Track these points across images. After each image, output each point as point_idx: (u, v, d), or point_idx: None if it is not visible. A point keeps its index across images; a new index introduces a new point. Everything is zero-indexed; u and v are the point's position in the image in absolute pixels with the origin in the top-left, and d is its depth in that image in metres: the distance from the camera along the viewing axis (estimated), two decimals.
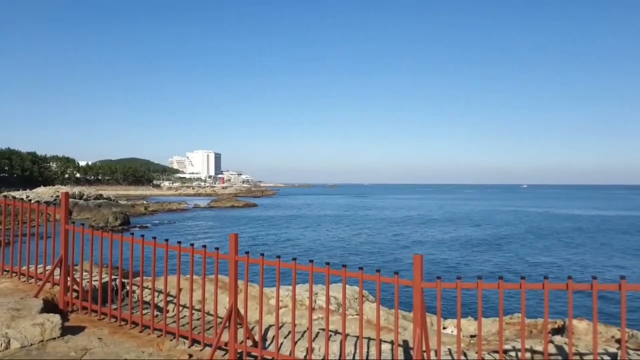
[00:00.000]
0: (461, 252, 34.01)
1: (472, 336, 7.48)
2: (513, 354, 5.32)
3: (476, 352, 5.01)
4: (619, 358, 4.80)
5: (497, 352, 5.06)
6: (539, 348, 5.18)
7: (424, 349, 4.50)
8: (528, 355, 5.19)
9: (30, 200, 7.41)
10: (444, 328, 8.07)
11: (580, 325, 6.38)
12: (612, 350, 5.08)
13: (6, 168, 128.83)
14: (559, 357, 5.12)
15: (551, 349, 5.24)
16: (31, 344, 4.99)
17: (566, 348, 5.01)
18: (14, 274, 7.20)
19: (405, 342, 5.73)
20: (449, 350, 5.35)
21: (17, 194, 59.19)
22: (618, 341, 5.96)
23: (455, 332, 7.25)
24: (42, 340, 5.08)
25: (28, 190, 69.82)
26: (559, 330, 7.18)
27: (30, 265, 7.17)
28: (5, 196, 8.00)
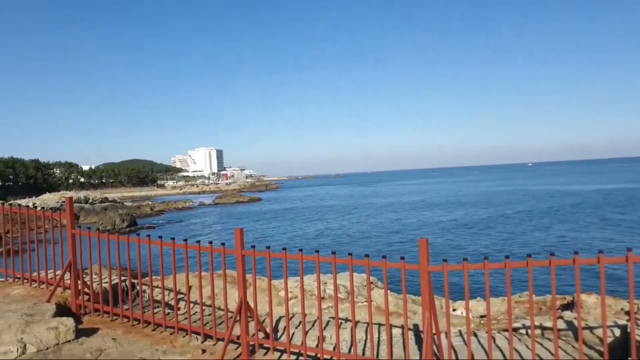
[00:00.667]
0: (467, 234, 34.04)
1: (481, 316, 7.53)
2: (523, 331, 5.35)
3: (486, 332, 5.05)
4: (628, 329, 4.83)
5: (507, 330, 5.10)
6: (549, 324, 5.21)
7: (434, 331, 4.54)
8: (538, 331, 5.22)
9: (36, 208, 7.46)
10: (454, 310, 8.12)
11: (589, 300, 6.40)
12: (622, 322, 5.10)
13: (10, 177, 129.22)
14: (569, 332, 5.15)
15: (561, 324, 5.27)
16: (47, 348, 5.05)
17: (576, 323, 5.04)
18: (25, 281, 7.27)
19: (416, 325, 5.77)
20: (459, 331, 5.40)
21: (23, 201, 59.46)
22: (627, 313, 5.98)
23: (464, 314, 7.30)
24: (58, 344, 5.15)
25: (34, 198, 70.22)
26: (568, 306, 7.21)
27: (40, 271, 7.23)
28: (11, 204, 8.05)
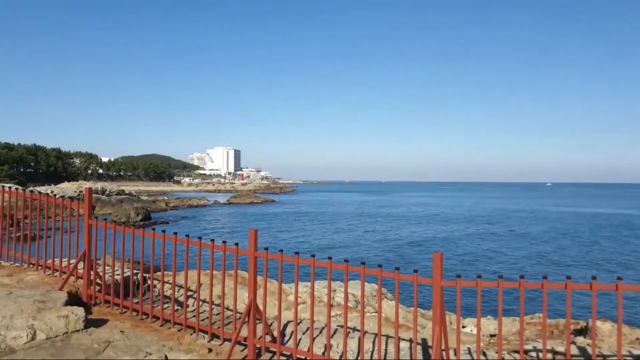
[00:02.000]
0: (482, 251, 33.67)
1: (492, 335, 7.41)
2: (534, 354, 5.25)
3: (496, 352, 4.97)
4: None
5: (517, 352, 5.01)
6: (561, 349, 5.11)
7: (443, 347, 4.47)
8: (549, 356, 5.12)
9: (54, 195, 7.56)
10: (464, 327, 8.01)
11: (604, 327, 6.27)
12: (637, 352, 4.99)
13: (32, 164, 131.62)
14: (582, 359, 5.04)
15: (573, 350, 5.17)
16: (56, 336, 5.10)
17: (589, 350, 4.94)
18: (39, 267, 7.36)
19: (424, 340, 5.70)
20: (469, 349, 5.31)
21: (42, 189, 60.40)
22: None
23: (475, 331, 7.19)
24: (67, 332, 5.19)
25: (53, 186, 71.25)
26: (582, 332, 7.07)
27: (55, 259, 7.32)
28: (31, 191, 8.18)
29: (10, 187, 8.37)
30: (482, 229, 48.67)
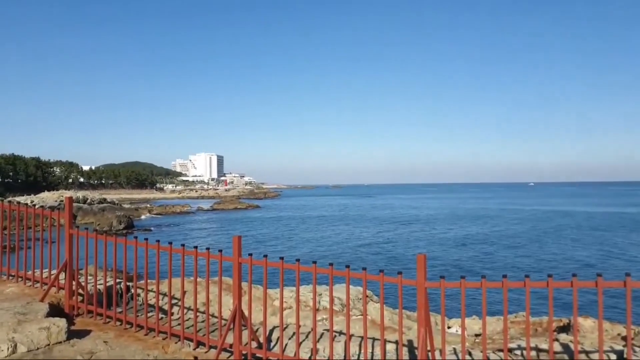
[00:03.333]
0: (465, 251, 33.96)
1: (476, 335, 7.47)
2: (518, 352, 5.31)
3: (481, 351, 5.01)
4: (625, 356, 4.79)
5: (502, 350, 5.06)
6: (545, 346, 5.17)
7: (428, 348, 4.50)
8: (533, 353, 5.18)
9: (34, 205, 7.44)
10: (449, 327, 8.06)
11: (586, 323, 6.36)
12: (619, 347, 5.07)
13: (10, 173, 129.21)
14: (565, 356, 5.11)
15: (557, 347, 5.23)
16: (37, 348, 5.01)
17: (572, 346, 5.01)
18: (19, 279, 7.23)
19: (410, 341, 5.73)
20: (454, 349, 5.35)
21: (22, 199, 59.37)
22: (624, 338, 5.94)
23: (460, 332, 7.24)
24: (49, 344, 5.10)
25: (32, 196, 70.01)
26: (565, 329, 7.16)
27: (35, 270, 7.19)
28: (9, 201, 8.03)
29: None
30: (465, 229, 49.10)
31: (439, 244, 38.31)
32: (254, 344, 5.24)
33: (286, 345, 5.37)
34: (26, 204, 7.64)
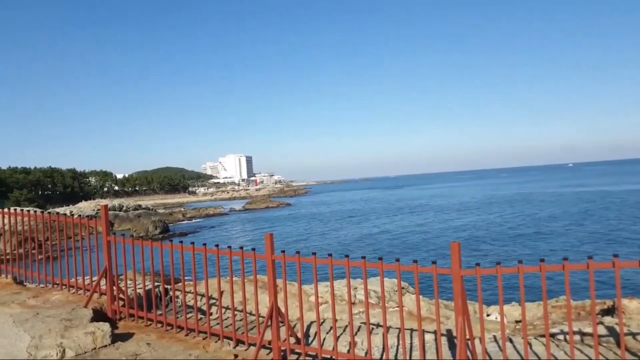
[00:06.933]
0: (500, 237, 33.39)
1: (517, 321, 7.35)
2: (561, 337, 5.20)
3: (522, 338, 4.93)
4: None
5: (543, 336, 4.96)
6: (589, 330, 5.05)
7: (467, 336, 4.45)
8: (577, 338, 5.07)
9: (73, 215, 7.67)
10: (487, 315, 7.95)
11: (631, 305, 6.17)
12: None
13: (49, 186, 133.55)
14: (610, 338, 4.98)
15: (601, 330, 5.10)
16: (85, 352, 5.18)
17: (617, 329, 4.87)
18: (63, 287, 7.47)
19: (449, 331, 5.68)
20: (494, 337, 5.28)
21: (61, 209, 61.26)
22: None
23: (499, 319, 7.14)
24: (95, 348, 5.27)
25: (70, 206, 72.24)
26: (609, 311, 6.97)
27: (78, 277, 7.42)
28: (50, 213, 8.30)
29: (29, 211, 8.51)
30: (499, 215, 48.25)
31: (474, 231, 37.76)
32: (292, 340, 5.28)
33: (324, 339, 5.39)
34: (65, 214, 7.88)
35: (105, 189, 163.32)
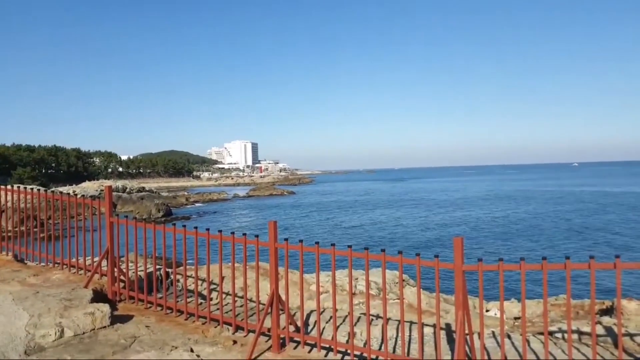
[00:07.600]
0: (503, 234, 33.36)
1: (516, 318, 7.36)
2: (559, 335, 5.20)
3: (520, 334, 4.93)
4: None
5: (542, 334, 4.96)
6: (587, 329, 5.05)
7: (466, 331, 4.45)
8: (575, 336, 5.07)
9: (76, 195, 7.68)
10: (487, 311, 7.97)
11: (630, 306, 6.16)
12: None
13: (53, 165, 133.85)
14: (608, 338, 4.98)
15: (599, 330, 5.10)
16: (83, 332, 5.21)
17: (615, 329, 4.86)
18: (64, 266, 7.51)
19: (448, 325, 5.69)
20: (493, 332, 5.28)
21: (64, 189, 61.44)
22: None
23: (498, 315, 7.15)
24: (94, 329, 5.30)
25: (74, 185, 72.53)
26: (608, 311, 6.97)
27: (79, 258, 7.46)
28: (53, 191, 8.32)
29: (32, 189, 8.53)
30: (502, 212, 48.18)
31: (477, 226, 37.74)
32: (292, 328, 5.30)
33: (323, 329, 5.41)
34: (68, 194, 7.89)
35: (110, 170, 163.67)
